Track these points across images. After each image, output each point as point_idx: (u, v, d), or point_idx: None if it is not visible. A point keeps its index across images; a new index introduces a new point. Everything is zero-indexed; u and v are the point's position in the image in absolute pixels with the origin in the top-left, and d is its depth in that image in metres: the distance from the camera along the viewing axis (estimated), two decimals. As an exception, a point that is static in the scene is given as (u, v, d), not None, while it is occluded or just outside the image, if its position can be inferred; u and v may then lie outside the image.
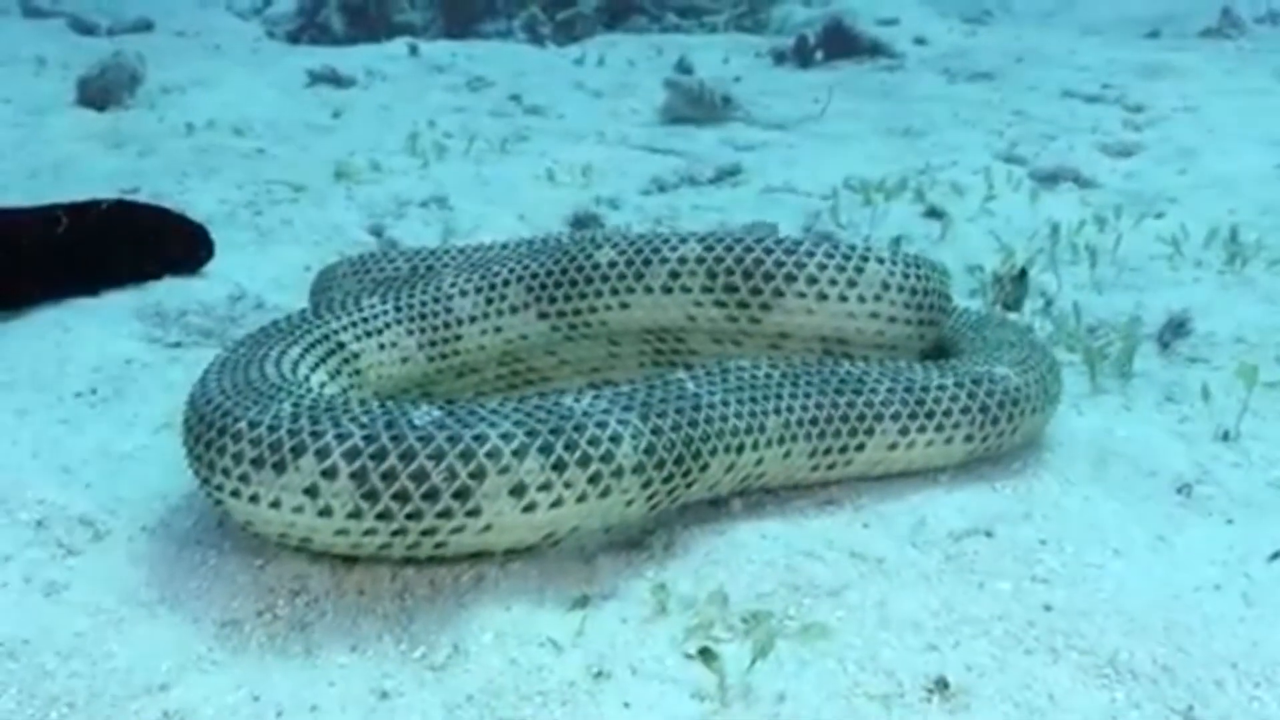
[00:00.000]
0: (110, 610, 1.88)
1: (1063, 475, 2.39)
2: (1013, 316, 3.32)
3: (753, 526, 2.11)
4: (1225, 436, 2.60)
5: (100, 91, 6.15)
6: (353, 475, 1.81)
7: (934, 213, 4.44)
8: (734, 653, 1.72)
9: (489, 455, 1.82)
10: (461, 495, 1.82)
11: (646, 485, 1.94)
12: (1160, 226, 4.18)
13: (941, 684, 1.66)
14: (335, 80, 6.89)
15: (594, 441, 1.88)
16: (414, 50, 7.84)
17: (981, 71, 7.65)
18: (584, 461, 1.87)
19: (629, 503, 1.94)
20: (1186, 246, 3.94)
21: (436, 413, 1.87)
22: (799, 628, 1.80)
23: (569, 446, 1.86)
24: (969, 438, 2.30)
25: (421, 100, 6.61)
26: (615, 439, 1.90)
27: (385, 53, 7.89)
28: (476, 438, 1.83)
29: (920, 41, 8.69)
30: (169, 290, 3.42)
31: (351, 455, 1.81)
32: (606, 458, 1.89)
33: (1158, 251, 3.92)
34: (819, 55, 8.10)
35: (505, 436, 1.84)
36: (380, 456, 1.81)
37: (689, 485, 2.02)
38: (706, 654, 1.66)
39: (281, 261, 3.83)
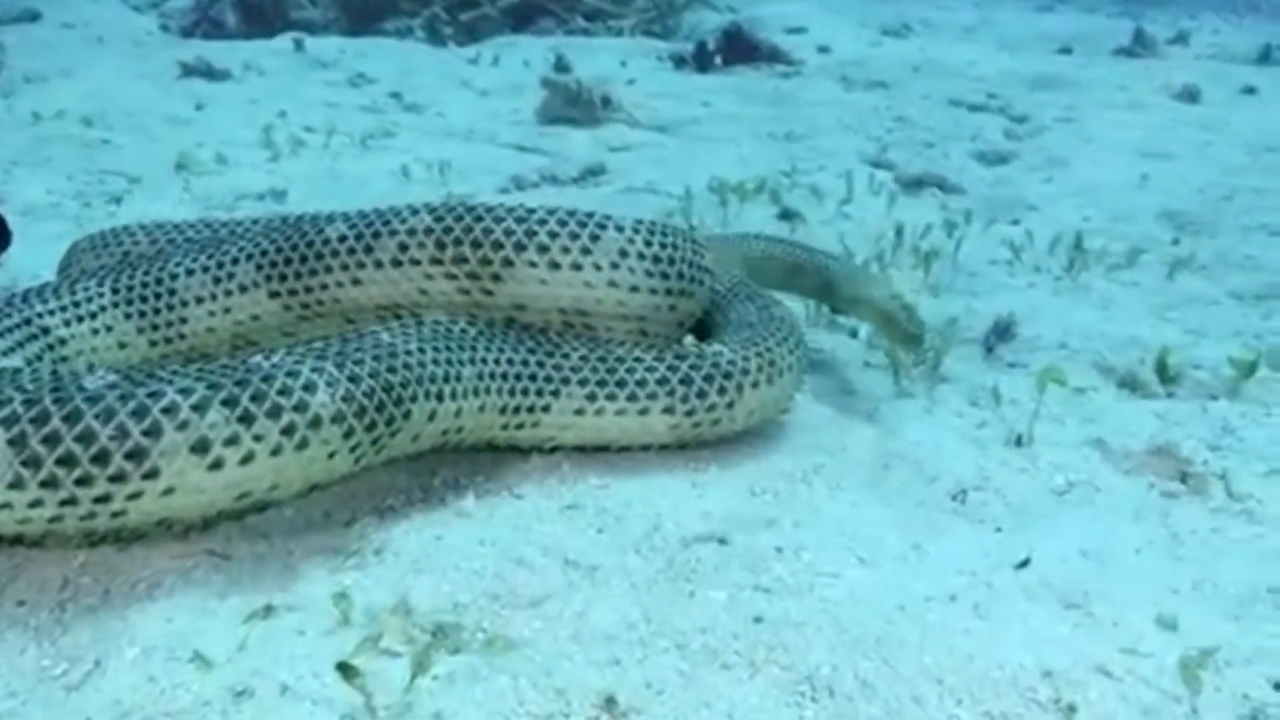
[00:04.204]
0: None
1: (835, 480, 2.27)
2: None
3: (475, 531, 1.96)
4: (1018, 442, 2.50)
5: (-47, 79, 5.91)
6: (11, 441, 1.65)
7: (787, 214, 4.34)
8: (404, 668, 1.57)
9: (165, 411, 1.69)
10: (136, 455, 1.67)
11: (349, 435, 1.82)
12: (1010, 232, 4.10)
13: (610, 702, 1.51)
14: (209, 74, 6.66)
15: (285, 391, 1.76)
16: (299, 45, 7.63)
17: (878, 80, 7.59)
18: (274, 412, 1.75)
19: (331, 454, 1.81)
20: (1029, 253, 3.86)
21: (112, 376, 1.74)
22: (484, 641, 1.65)
23: (256, 397, 1.74)
24: (669, 410, 2.19)
25: (294, 95, 6.39)
26: (309, 387, 1.78)
27: (271, 48, 7.67)
28: (151, 394, 1.70)
29: (824, 50, 8.62)
30: (-51, 279, 3.23)
31: (9, 421, 1.65)
32: (300, 407, 1.77)
33: (999, 256, 3.84)
34: (718, 60, 8.01)
35: (184, 391, 1.71)
36: (42, 420, 1.66)
37: (394, 434, 1.90)
38: (347, 670, 1.51)
39: (88, 253, 3.62)
